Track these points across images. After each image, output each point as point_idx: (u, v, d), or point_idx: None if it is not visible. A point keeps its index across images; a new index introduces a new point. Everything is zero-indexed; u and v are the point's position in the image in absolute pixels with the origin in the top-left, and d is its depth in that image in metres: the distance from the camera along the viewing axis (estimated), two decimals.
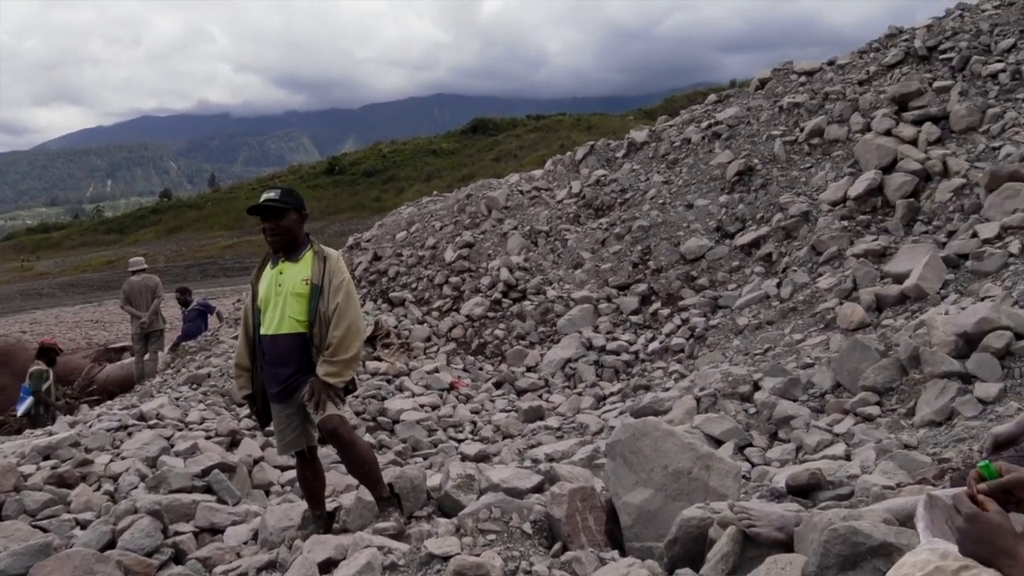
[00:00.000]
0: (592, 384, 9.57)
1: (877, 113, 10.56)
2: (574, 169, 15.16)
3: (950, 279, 7.41)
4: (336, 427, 4.16)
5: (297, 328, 4.27)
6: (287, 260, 4.36)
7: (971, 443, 4.45)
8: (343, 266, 4.42)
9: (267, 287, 4.35)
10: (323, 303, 4.24)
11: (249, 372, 4.46)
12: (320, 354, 4.22)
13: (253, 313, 4.42)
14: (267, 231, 4.31)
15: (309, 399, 4.17)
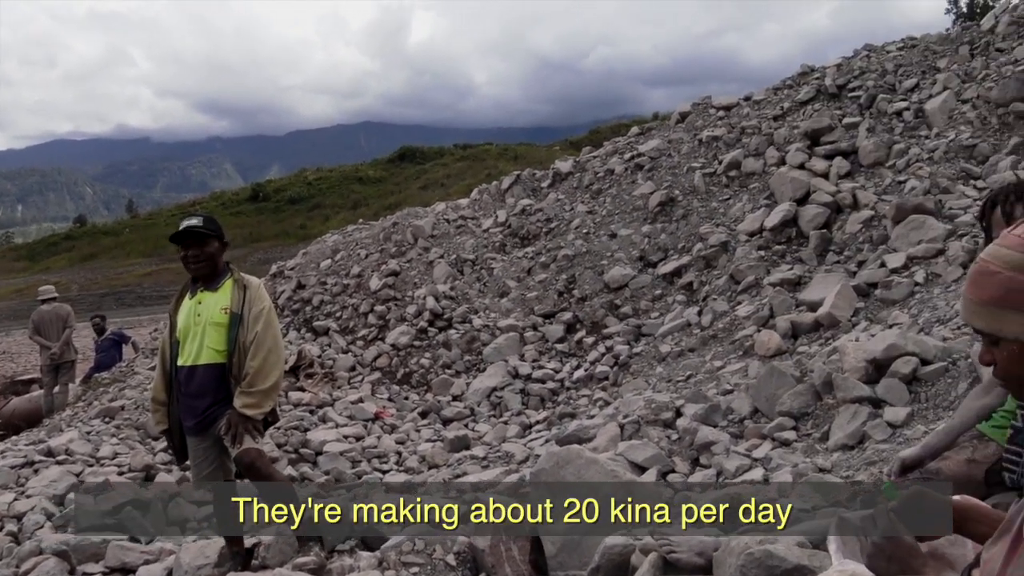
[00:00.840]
0: (518, 412, 9.58)
1: (791, 147, 10.96)
2: (500, 198, 15.27)
3: (861, 307, 7.70)
4: (253, 460, 4.06)
5: (216, 359, 4.18)
6: (206, 289, 4.27)
7: (881, 466, 4.60)
8: (264, 294, 4.35)
9: (186, 317, 4.25)
10: (243, 332, 4.16)
11: (166, 406, 4.34)
12: (238, 385, 4.14)
13: (171, 345, 4.31)
14: (189, 259, 4.22)
15: (226, 432, 4.07)
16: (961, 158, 9.33)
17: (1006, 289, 1.36)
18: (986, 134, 9.49)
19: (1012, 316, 1.36)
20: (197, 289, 4.28)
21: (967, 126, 9.75)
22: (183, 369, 4.20)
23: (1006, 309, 1.37)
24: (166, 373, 4.32)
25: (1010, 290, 1.36)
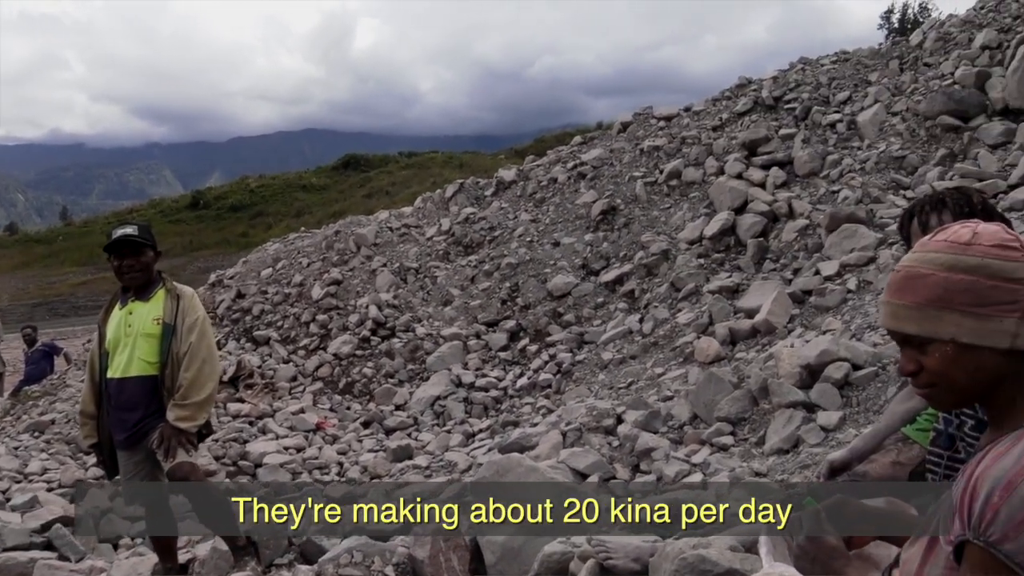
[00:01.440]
0: (461, 421, 9.56)
1: (729, 157, 11.17)
2: (444, 207, 15.25)
3: (796, 314, 7.87)
4: (187, 474, 3.97)
5: (147, 370, 4.08)
6: (137, 299, 4.16)
7: (815, 469, 4.71)
8: (198, 304, 4.26)
9: (116, 328, 4.14)
10: (176, 343, 4.07)
11: (95, 419, 4.22)
12: (171, 397, 4.04)
13: (100, 356, 4.20)
14: (123, 268, 4.11)
15: (158, 445, 3.97)
16: (891, 169, 9.62)
17: (943, 289, 1.40)
18: (915, 146, 9.81)
19: (948, 316, 1.40)
20: (128, 299, 4.17)
21: (897, 138, 10.06)
22: (112, 381, 4.09)
23: (943, 310, 1.40)
24: (95, 385, 4.20)
25: (947, 289, 1.39)
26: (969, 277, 1.37)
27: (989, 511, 1.31)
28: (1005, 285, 1.34)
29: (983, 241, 1.38)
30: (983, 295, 1.36)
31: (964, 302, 1.37)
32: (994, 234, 1.38)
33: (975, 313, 1.36)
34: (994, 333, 1.36)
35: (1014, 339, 1.35)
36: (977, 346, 1.37)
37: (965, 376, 1.42)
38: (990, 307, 1.35)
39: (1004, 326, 1.35)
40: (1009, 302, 1.34)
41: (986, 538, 1.31)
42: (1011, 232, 1.38)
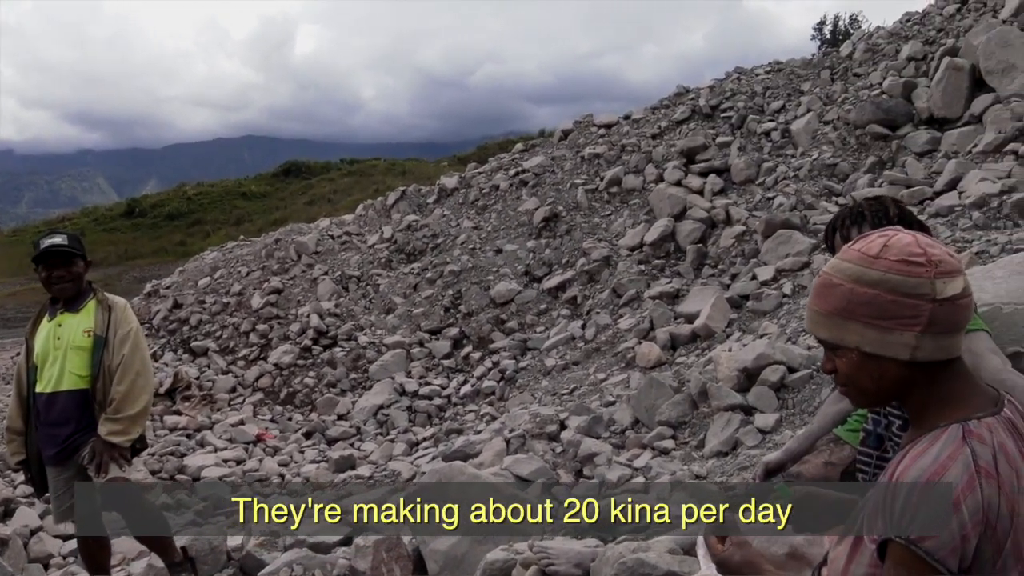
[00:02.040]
0: (405, 430, 9.50)
1: (668, 165, 11.34)
2: (385, 214, 15.16)
3: (734, 318, 8.02)
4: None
5: (78, 384, 3.95)
6: (67, 311, 4.03)
7: (752, 471, 4.80)
8: (131, 315, 4.15)
9: (44, 341, 4.00)
10: (108, 356, 3.95)
11: (23, 435, 4.07)
12: (103, 411, 3.93)
13: (28, 371, 4.05)
14: (53, 279, 3.97)
15: (90, 461, 3.85)
16: (824, 176, 9.87)
17: (848, 300, 1.45)
18: (846, 154, 10.08)
19: (852, 326, 1.45)
20: (56, 311, 4.04)
21: (829, 146, 10.33)
22: (42, 396, 3.95)
23: (848, 319, 1.45)
24: (23, 400, 4.06)
25: (851, 301, 1.44)
26: (871, 291, 1.41)
27: (909, 509, 1.35)
28: (905, 300, 1.39)
29: (890, 255, 1.42)
30: (884, 309, 1.40)
31: (866, 314, 1.41)
32: (903, 248, 1.42)
33: (876, 325, 1.40)
34: (894, 345, 1.40)
35: (913, 351, 1.40)
36: (880, 355, 1.42)
37: (870, 381, 1.47)
38: (890, 320, 1.39)
39: (904, 339, 1.39)
40: (909, 317, 1.38)
41: (907, 536, 1.35)
42: (921, 245, 1.42)
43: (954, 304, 1.38)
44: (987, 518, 1.33)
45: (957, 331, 1.41)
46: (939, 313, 1.38)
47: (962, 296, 1.39)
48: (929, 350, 1.41)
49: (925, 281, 1.39)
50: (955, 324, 1.40)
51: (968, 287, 1.40)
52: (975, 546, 1.33)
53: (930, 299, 1.38)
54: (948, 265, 1.39)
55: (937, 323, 1.38)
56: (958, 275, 1.39)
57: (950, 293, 1.37)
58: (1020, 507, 1.36)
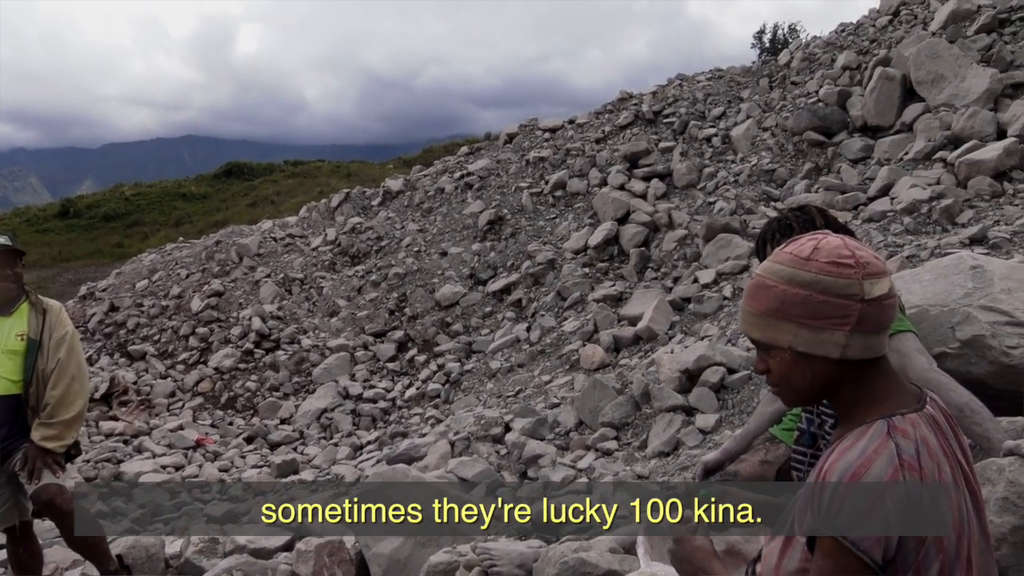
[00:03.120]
0: (349, 434, 9.42)
1: (612, 169, 11.46)
2: (329, 216, 15.02)
3: (676, 320, 8.15)
4: (53, 497, 3.76)
5: (10, 389, 3.83)
6: None
7: (693, 470, 4.88)
8: (66, 318, 4.05)
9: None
10: (42, 360, 3.85)
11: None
12: (36, 416, 3.83)
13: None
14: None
15: (22, 467, 3.75)
16: (763, 181, 10.09)
17: (781, 301, 1.50)
18: (784, 160, 10.32)
19: (785, 326, 1.50)
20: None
21: (767, 152, 10.56)
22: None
23: (781, 320, 1.50)
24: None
25: (784, 302, 1.49)
26: (803, 291, 1.46)
27: (836, 501, 1.40)
28: (835, 300, 1.44)
29: (820, 257, 1.48)
30: (815, 309, 1.45)
31: (798, 314, 1.47)
32: (833, 250, 1.48)
33: (808, 325, 1.46)
34: (825, 344, 1.46)
35: (844, 350, 1.46)
36: (812, 354, 1.48)
37: (803, 380, 1.53)
38: (821, 320, 1.45)
39: (834, 338, 1.45)
40: (839, 316, 1.44)
41: (834, 528, 1.40)
42: (850, 248, 1.48)
43: (881, 304, 1.44)
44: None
45: (883, 330, 1.47)
46: (867, 312, 1.44)
47: (888, 296, 1.45)
48: (858, 348, 1.46)
49: (854, 282, 1.44)
50: (881, 323, 1.46)
51: (893, 288, 1.46)
52: (899, 538, 1.39)
53: (859, 299, 1.44)
54: (875, 267, 1.45)
55: (865, 322, 1.44)
56: (884, 276, 1.45)
57: (877, 293, 1.43)
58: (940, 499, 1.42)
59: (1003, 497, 1.96)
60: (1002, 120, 8.28)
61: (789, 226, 2.65)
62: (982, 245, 6.16)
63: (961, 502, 1.46)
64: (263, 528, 5.09)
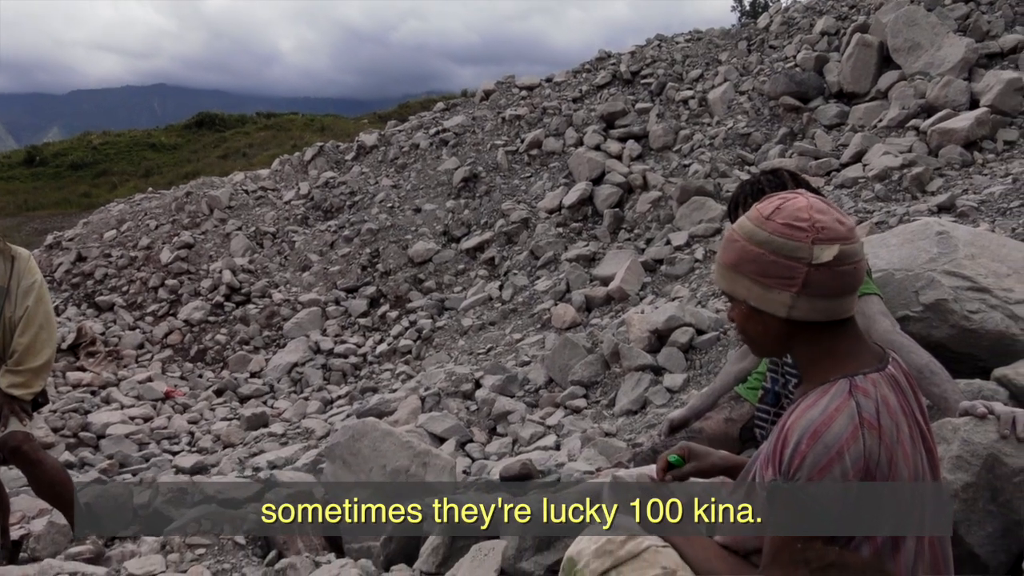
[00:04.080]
0: (319, 388, 9.43)
1: (588, 129, 11.42)
2: (302, 170, 14.85)
3: (648, 281, 8.20)
4: (19, 444, 3.75)
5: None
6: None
7: (659, 428, 4.96)
8: (35, 267, 4.00)
9: None
10: (9, 307, 3.81)
11: None
12: (3, 363, 3.80)
13: None
14: None
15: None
16: (738, 145, 10.11)
17: (740, 256, 1.55)
18: (759, 124, 10.34)
19: (742, 280, 1.55)
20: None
21: (743, 116, 10.57)
22: None
23: (740, 274, 1.55)
24: None
25: (742, 257, 1.54)
26: (758, 250, 1.52)
27: (797, 458, 1.44)
28: (783, 262, 1.49)
29: (778, 218, 1.52)
30: (766, 267, 1.51)
31: (752, 271, 1.53)
32: (792, 212, 1.52)
33: (760, 282, 1.52)
34: (773, 303, 1.51)
35: (789, 310, 1.51)
36: (762, 310, 1.52)
37: (757, 334, 1.59)
38: (771, 279, 1.50)
39: (781, 298, 1.50)
40: (787, 277, 1.49)
41: (793, 482, 1.44)
42: (809, 211, 1.50)
43: (831, 270, 1.47)
44: (867, 466, 1.43)
45: (835, 296, 1.49)
46: (814, 277, 1.48)
47: (839, 263, 1.47)
48: (804, 310, 1.50)
49: (803, 246, 1.48)
50: (831, 289, 1.49)
51: (849, 256, 1.48)
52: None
53: (806, 263, 1.48)
54: (830, 232, 1.48)
55: (812, 286, 1.48)
56: (837, 242, 1.47)
57: (825, 259, 1.46)
58: (897, 456, 1.46)
59: (957, 455, 2.02)
60: (975, 90, 8.35)
61: (761, 189, 2.67)
62: (950, 213, 6.24)
63: (917, 459, 1.51)
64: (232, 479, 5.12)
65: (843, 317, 1.52)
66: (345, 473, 3.98)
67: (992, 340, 2.72)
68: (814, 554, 1.32)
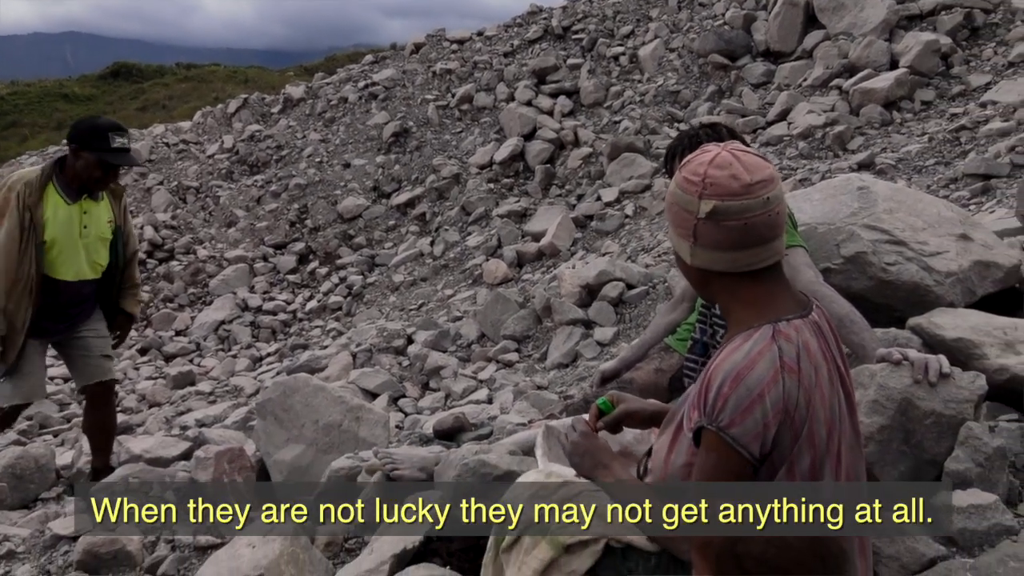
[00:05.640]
0: (248, 346, 9.29)
1: (520, 84, 11.36)
2: (226, 123, 14.42)
3: (579, 237, 8.28)
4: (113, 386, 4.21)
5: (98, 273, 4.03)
6: (89, 198, 3.91)
7: (591, 380, 5.05)
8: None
9: (66, 227, 3.82)
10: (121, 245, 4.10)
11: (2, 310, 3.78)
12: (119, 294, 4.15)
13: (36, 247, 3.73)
14: (108, 181, 3.91)
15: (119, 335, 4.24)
16: (667, 102, 10.20)
17: (667, 208, 1.63)
18: (689, 81, 10.44)
19: (669, 226, 1.64)
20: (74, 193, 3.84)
21: (673, 73, 10.65)
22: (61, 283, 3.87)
23: (667, 220, 1.65)
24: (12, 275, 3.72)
25: (667, 205, 1.63)
26: (670, 199, 1.62)
27: (720, 400, 1.49)
28: (682, 212, 1.57)
29: (683, 170, 1.60)
30: (673, 217, 1.61)
31: (669, 219, 1.63)
32: (693, 166, 1.58)
33: (674, 230, 1.62)
34: (681, 249, 1.61)
35: (691, 258, 1.59)
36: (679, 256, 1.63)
37: (686, 276, 1.68)
38: (677, 228, 1.60)
39: (684, 246, 1.59)
40: (685, 227, 1.58)
41: (717, 424, 1.49)
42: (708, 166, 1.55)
43: (716, 224, 1.52)
44: (787, 408, 1.48)
45: (730, 248, 1.54)
46: (701, 229, 1.54)
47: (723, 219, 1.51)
48: (703, 259, 1.57)
49: (692, 199, 1.55)
50: (720, 242, 1.54)
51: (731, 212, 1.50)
52: (775, 433, 1.49)
53: (695, 215, 1.53)
54: (717, 188, 1.52)
55: (701, 237, 1.55)
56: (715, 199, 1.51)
57: (703, 212, 1.51)
58: (815, 399, 1.52)
59: (873, 400, 2.11)
60: (895, 51, 8.57)
61: (698, 139, 2.71)
62: (870, 171, 6.45)
63: (835, 402, 1.58)
64: (159, 438, 5.03)
65: (756, 268, 1.56)
66: (277, 429, 3.94)
67: (907, 291, 2.83)
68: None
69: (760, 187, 1.51)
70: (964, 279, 2.86)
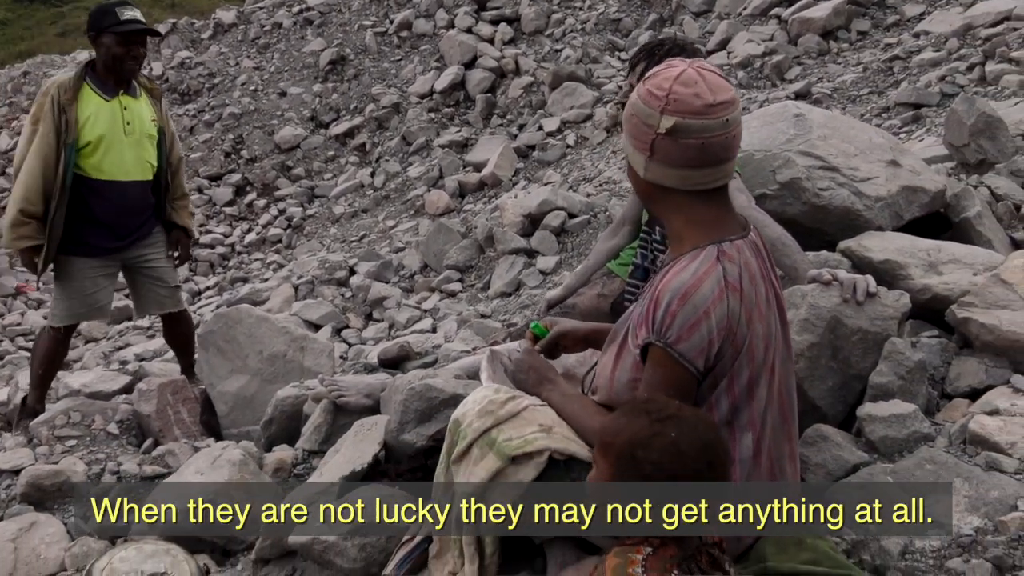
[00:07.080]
0: (186, 280, 9.10)
1: (459, 11, 11.13)
2: (154, 50, 13.85)
3: (521, 167, 8.27)
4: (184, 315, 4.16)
5: (148, 175, 3.78)
6: (126, 94, 3.67)
7: (533, 308, 5.12)
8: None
9: (108, 123, 3.60)
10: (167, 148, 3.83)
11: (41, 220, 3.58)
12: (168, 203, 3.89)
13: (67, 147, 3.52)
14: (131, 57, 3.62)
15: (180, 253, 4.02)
16: (609, 30, 10.13)
17: (625, 114, 1.67)
18: (630, 9, 10.35)
19: (625, 136, 1.67)
20: (112, 90, 3.62)
21: (615, 1, 10.54)
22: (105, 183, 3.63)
23: (624, 130, 1.68)
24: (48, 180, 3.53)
25: (625, 115, 1.66)
26: (630, 111, 1.63)
27: (668, 317, 1.55)
28: (641, 125, 1.60)
29: (647, 83, 1.61)
30: (632, 128, 1.62)
31: (627, 129, 1.64)
32: (658, 80, 1.59)
33: (630, 141, 1.63)
34: (636, 162, 1.63)
35: (644, 171, 1.62)
36: (632, 167, 1.66)
37: (636, 189, 1.71)
38: (634, 140, 1.62)
39: (638, 159, 1.62)
40: (642, 140, 1.60)
41: (665, 340, 1.55)
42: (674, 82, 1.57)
43: (675, 140, 1.56)
44: (730, 325, 1.55)
45: (685, 166, 1.58)
46: (660, 144, 1.57)
47: (682, 136, 1.55)
48: (656, 174, 1.61)
49: (654, 113, 1.57)
50: (676, 159, 1.57)
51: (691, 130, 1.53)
52: (718, 349, 1.56)
53: (655, 129, 1.56)
54: (680, 105, 1.55)
55: (658, 152, 1.58)
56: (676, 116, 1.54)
57: (664, 128, 1.54)
58: (755, 316, 1.60)
59: (804, 318, 2.20)
60: None
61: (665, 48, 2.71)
62: (806, 100, 6.54)
63: (771, 319, 1.65)
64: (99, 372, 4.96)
65: (706, 188, 1.61)
66: (220, 361, 3.93)
67: (839, 216, 2.93)
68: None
69: (721, 108, 1.55)
70: (892, 204, 2.96)
